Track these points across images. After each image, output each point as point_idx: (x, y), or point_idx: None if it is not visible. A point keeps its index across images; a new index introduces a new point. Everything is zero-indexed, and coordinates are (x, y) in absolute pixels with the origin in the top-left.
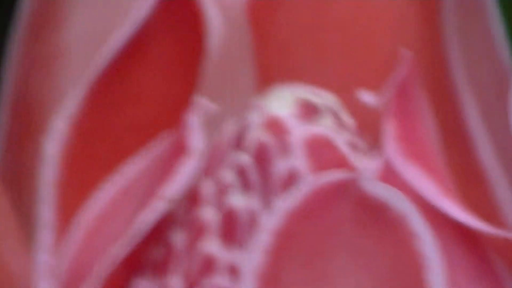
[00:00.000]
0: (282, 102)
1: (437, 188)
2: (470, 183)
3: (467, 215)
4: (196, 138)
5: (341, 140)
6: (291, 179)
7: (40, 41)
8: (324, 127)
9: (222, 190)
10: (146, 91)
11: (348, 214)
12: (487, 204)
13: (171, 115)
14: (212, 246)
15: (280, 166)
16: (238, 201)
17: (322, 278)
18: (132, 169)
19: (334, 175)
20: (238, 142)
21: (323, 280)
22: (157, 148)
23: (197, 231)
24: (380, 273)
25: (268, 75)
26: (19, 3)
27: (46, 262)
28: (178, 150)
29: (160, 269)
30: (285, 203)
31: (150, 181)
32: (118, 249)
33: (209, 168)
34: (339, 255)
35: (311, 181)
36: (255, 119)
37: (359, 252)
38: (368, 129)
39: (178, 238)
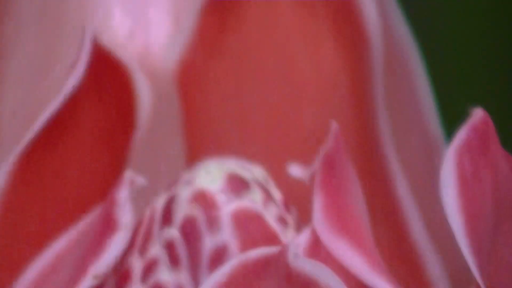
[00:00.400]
0: (210, 176)
1: (366, 263)
2: (401, 259)
3: None
4: (125, 212)
5: (270, 215)
6: (219, 254)
7: None
8: (253, 201)
9: (150, 266)
10: (75, 164)
11: None
12: (418, 281)
13: (100, 189)
14: None
15: (209, 241)
16: (166, 276)
17: None
18: (61, 244)
19: (261, 251)
20: (167, 217)
21: None
22: (86, 222)
23: None
24: None
25: (197, 147)
26: None
27: None
28: (107, 225)
29: None
30: (212, 280)
31: (78, 256)
32: None
33: (138, 243)
34: None
35: (238, 257)
36: (183, 193)
37: None
38: (297, 202)
39: None
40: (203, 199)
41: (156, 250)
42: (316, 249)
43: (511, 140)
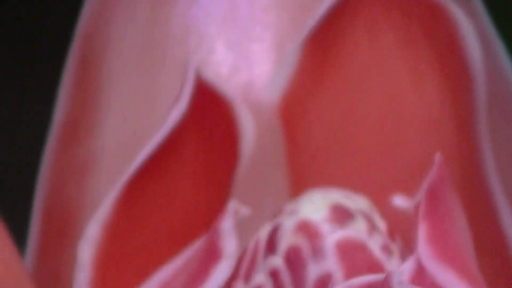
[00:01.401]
0: (314, 206)
1: None
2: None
3: None
4: (229, 242)
5: (374, 244)
6: (323, 283)
7: (74, 147)
8: (357, 231)
9: None
10: (178, 195)
11: None
12: None
13: (204, 219)
14: None
15: (313, 270)
16: None
17: None
18: (165, 273)
19: (365, 278)
20: (271, 246)
21: None
22: (190, 251)
23: None
24: None
25: (301, 179)
26: (54, 108)
27: None
28: (211, 254)
29: None
30: None
31: (183, 285)
32: None
33: (242, 271)
34: None
35: (342, 284)
36: (288, 223)
37: None
38: (401, 232)
39: None
40: (307, 229)
41: (260, 278)
42: (421, 277)
43: None
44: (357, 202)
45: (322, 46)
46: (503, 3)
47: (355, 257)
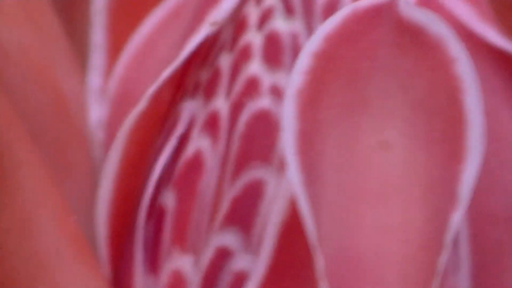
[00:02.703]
0: None
1: (475, 14)
2: (510, 11)
3: (505, 41)
4: None
5: None
6: (333, 4)
7: None
8: None
9: (266, 15)
10: None
11: (386, 37)
12: None
13: None
14: (255, 68)
15: None
16: (281, 25)
17: (360, 99)
18: None
19: (373, 0)
20: None
21: (361, 101)
22: None
23: (242, 54)
24: (417, 95)
25: None
26: None
27: (98, 85)
28: None
29: (207, 91)
30: (325, 27)
31: (197, 5)
32: (166, 71)
33: None
34: (377, 76)
35: (350, 5)
36: None
37: (396, 74)
38: None
39: (225, 61)
40: None
41: (271, 0)
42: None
43: None
44: None
45: None
46: None
47: None
